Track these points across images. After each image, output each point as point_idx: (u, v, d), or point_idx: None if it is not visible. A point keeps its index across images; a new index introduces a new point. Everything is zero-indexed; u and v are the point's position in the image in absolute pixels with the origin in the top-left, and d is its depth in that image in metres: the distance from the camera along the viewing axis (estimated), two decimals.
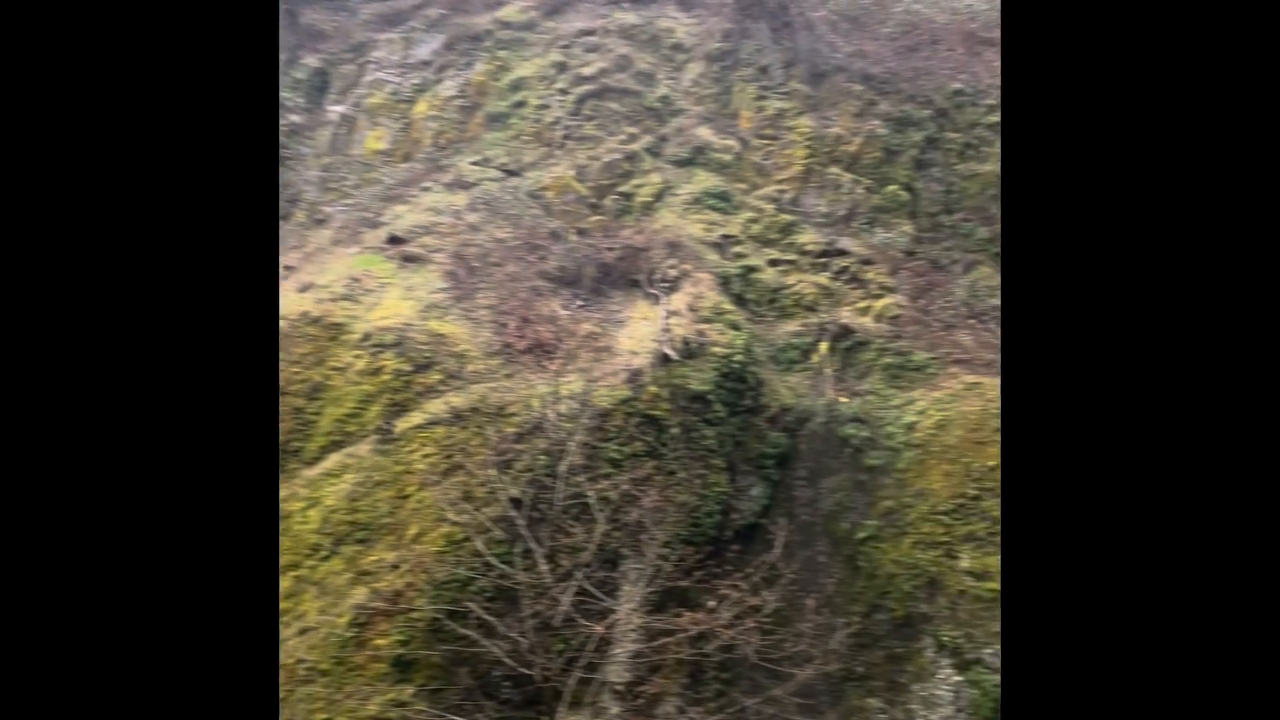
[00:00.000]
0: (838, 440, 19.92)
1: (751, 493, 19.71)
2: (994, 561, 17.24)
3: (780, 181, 25.95)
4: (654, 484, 17.05)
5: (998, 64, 28.26)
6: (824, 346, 21.94)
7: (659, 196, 25.40)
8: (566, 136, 26.93)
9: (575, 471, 16.79)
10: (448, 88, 28.89)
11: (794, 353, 22.03)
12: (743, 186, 25.84)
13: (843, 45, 28.81)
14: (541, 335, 20.88)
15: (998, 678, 16.39)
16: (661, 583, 16.30)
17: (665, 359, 19.58)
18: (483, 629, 15.17)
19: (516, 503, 16.39)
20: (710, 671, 16.95)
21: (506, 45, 29.57)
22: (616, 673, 16.04)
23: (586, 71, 28.23)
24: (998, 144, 26.47)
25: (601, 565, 16.27)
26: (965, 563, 17.45)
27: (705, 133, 26.88)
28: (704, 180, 25.59)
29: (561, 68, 28.52)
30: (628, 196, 25.53)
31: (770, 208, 25.31)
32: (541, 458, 17.38)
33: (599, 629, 15.06)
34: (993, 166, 26.17)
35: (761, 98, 27.63)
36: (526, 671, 14.86)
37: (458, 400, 18.78)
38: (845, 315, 22.63)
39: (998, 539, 17.43)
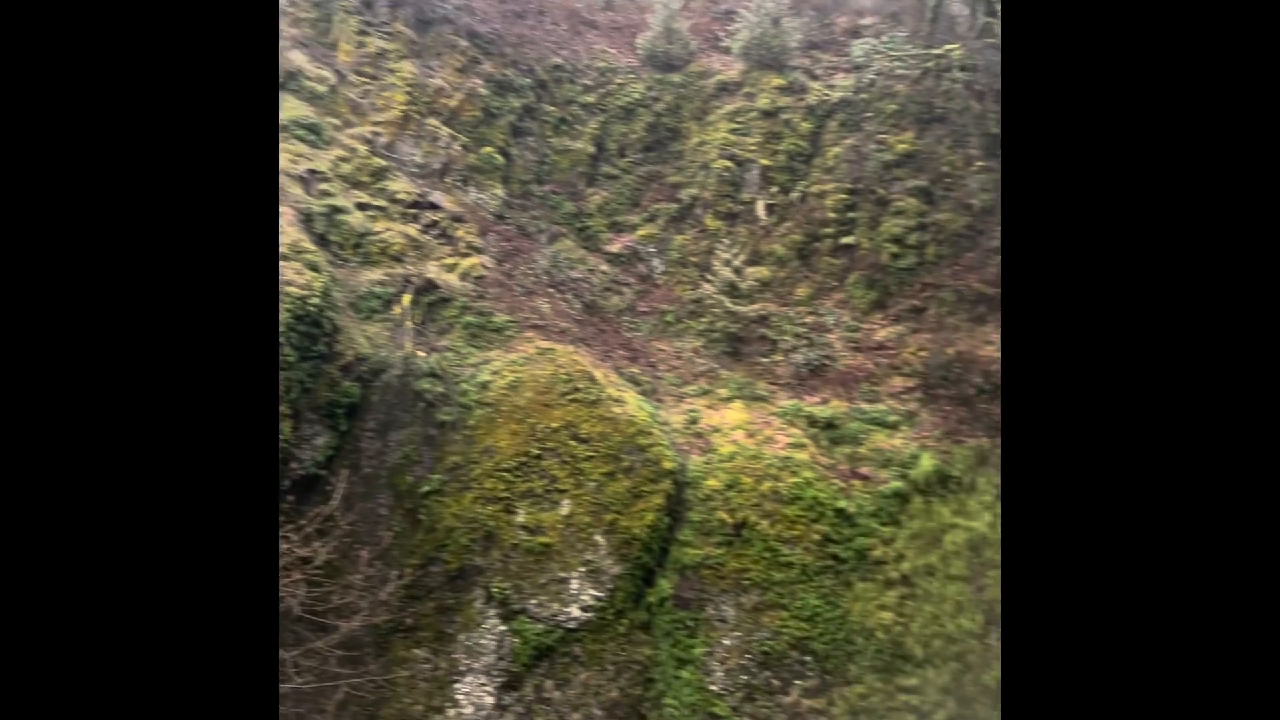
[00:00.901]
0: (412, 394, 19.76)
1: (316, 442, 18.93)
2: (547, 517, 18.22)
3: (376, 124, 25.06)
4: None
5: (598, 45, 29.69)
6: (406, 299, 21.62)
7: None
8: None
9: None
10: None
11: (375, 302, 21.47)
12: (335, 122, 24.57)
13: None
14: None
15: (540, 626, 17.40)
16: None
17: None
18: None
19: None
20: None
21: None
22: None
23: None
24: (591, 122, 27.82)
25: None
26: (521, 518, 18.21)
27: (299, 58, 25.11)
28: (293, 109, 23.92)
29: None
30: None
31: (364, 149, 24.36)
32: None
33: None
34: (583, 145, 27.45)
35: (364, 33, 26.42)
36: None
37: None
38: (431, 270, 22.48)
39: (554, 495, 18.45)
